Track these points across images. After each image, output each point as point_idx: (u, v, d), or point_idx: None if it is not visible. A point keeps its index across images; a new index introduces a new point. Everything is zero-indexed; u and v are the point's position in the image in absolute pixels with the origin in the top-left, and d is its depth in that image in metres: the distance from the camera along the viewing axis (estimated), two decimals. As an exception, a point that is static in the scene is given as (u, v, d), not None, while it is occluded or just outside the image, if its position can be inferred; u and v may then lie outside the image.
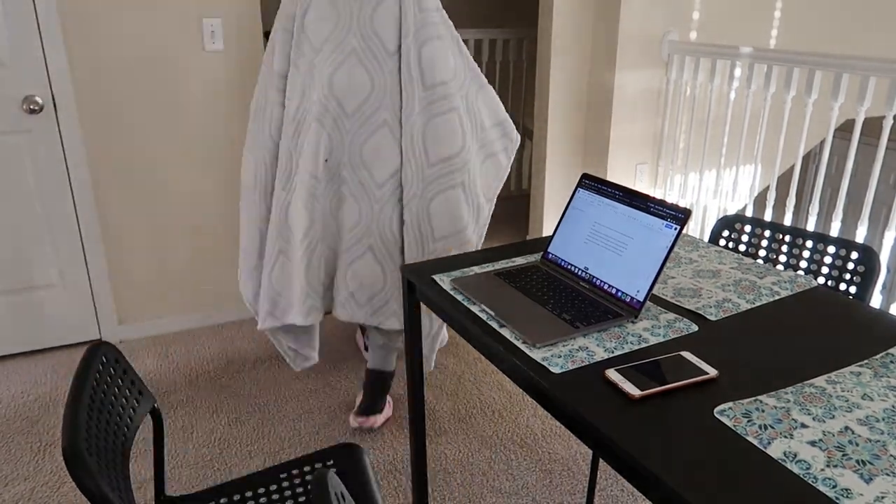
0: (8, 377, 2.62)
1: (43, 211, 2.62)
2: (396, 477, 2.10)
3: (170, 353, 2.82)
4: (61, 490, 2.04)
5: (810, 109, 2.69)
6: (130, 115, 2.66)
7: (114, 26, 2.54)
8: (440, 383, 2.60)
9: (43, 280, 2.71)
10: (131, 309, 2.90)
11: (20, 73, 2.45)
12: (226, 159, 2.86)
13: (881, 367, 1.06)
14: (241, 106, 2.81)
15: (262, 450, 2.23)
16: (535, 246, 1.61)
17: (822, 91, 2.67)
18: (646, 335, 1.18)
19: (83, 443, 0.99)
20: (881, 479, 0.82)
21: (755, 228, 1.67)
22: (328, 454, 1.49)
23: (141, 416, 1.28)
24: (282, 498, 1.38)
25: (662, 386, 1.01)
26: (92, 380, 1.14)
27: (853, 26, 3.70)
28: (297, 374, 2.65)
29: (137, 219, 2.79)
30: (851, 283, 1.48)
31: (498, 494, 2.03)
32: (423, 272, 1.47)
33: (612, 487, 2.06)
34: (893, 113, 2.37)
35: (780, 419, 0.94)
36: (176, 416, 2.40)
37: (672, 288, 1.38)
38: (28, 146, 2.54)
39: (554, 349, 1.14)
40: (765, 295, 1.34)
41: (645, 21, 3.23)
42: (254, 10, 2.74)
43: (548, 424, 2.35)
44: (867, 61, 2.43)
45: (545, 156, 3.68)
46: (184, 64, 2.68)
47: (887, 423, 0.93)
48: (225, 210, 2.91)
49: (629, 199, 1.35)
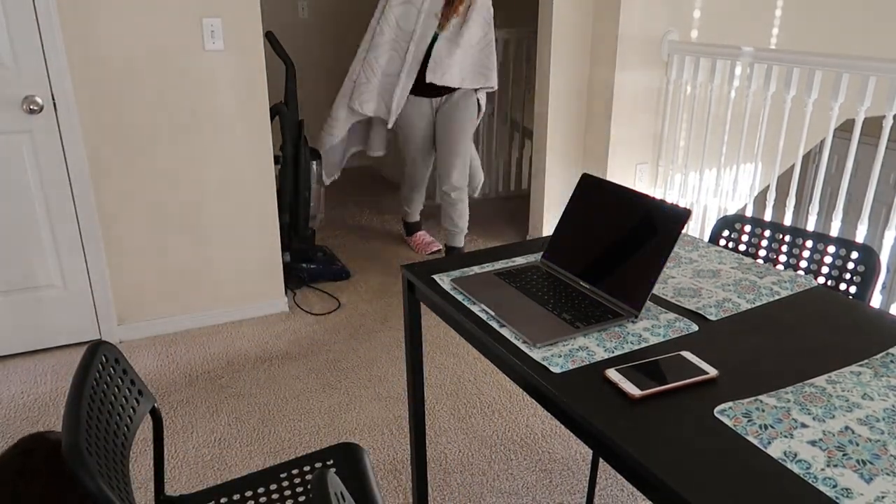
0: (8, 377, 2.62)
1: (43, 211, 2.62)
2: (396, 477, 2.10)
3: (170, 353, 2.82)
4: (61, 490, 2.04)
5: (810, 109, 2.69)
6: (130, 115, 2.66)
7: (114, 26, 2.54)
8: (440, 383, 2.60)
9: (43, 280, 2.71)
10: (131, 309, 2.90)
11: (20, 73, 2.45)
12: (226, 159, 2.86)
13: (881, 367, 1.06)
14: (241, 105, 2.81)
15: (262, 450, 2.23)
16: (535, 246, 1.61)
17: (822, 91, 2.66)
18: (646, 335, 1.18)
19: (83, 442, 0.99)
20: (881, 478, 0.82)
21: (755, 228, 1.67)
22: (328, 454, 1.49)
23: (141, 416, 1.28)
24: (282, 498, 1.38)
25: (662, 386, 1.01)
26: (92, 380, 1.14)
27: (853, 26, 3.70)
28: (297, 373, 2.65)
29: (137, 219, 2.79)
30: (851, 282, 1.48)
31: (498, 494, 2.03)
32: (423, 272, 1.47)
33: (612, 487, 2.06)
34: (893, 113, 2.37)
35: (780, 419, 0.94)
36: (176, 416, 2.40)
37: (672, 288, 1.38)
38: (28, 146, 2.54)
39: (554, 349, 1.14)
40: (765, 295, 1.34)
41: (645, 21, 3.23)
42: (254, 10, 2.74)
43: (548, 424, 2.35)
44: (867, 61, 2.43)
45: (545, 156, 3.68)
46: (184, 64, 2.68)
47: (887, 422, 0.93)
48: (225, 209, 2.91)
49: (629, 199, 1.35)
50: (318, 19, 5.21)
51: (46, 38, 2.45)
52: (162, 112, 2.70)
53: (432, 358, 2.78)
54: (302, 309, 3.19)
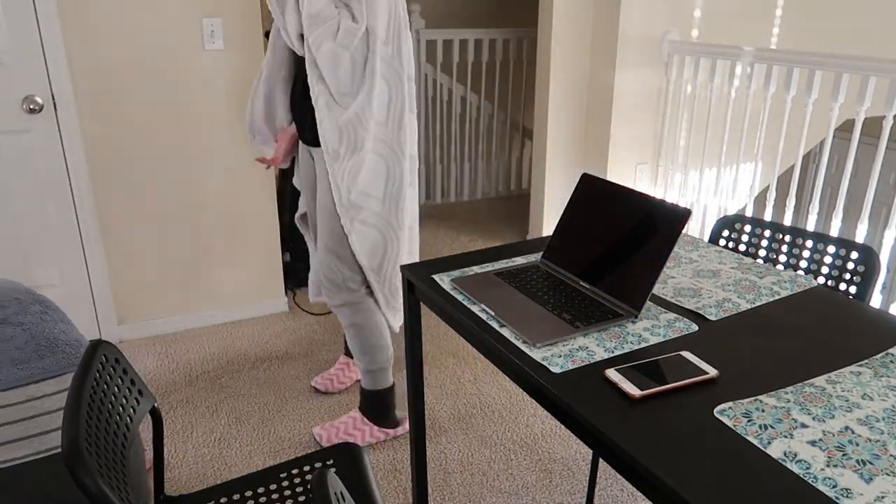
0: (8, 377, 2.62)
1: (43, 211, 2.62)
2: (396, 477, 2.10)
3: (170, 353, 2.82)
4: (61, 490, 2.04)
5: (810, 109, 2.69)
6: (130, 114, 2.66)
7: (114, 26, 2.54)
8: (440, 383, 2.60)
9: (43, 280, 2.70)
10: (131, 308, 2.90)
11: (20, 72, 2.45)
12: (226, 159, 2.86)
13: (881, 367, 1.06)
14: (241, 105, 2.81)
15: (262, 450, 2.23)
16: (535, 246, 1.61)
17: (822, 91, 2.66)
18: (646, 335, 1.18)
19: (83, 442, 0.99)
20: (881, 478, 0.82)
21: (755, 228, 1.67)
22: (328, 454, 1.49)
23: (141, 416, 1.28)
24: (282, 498, 1.38)
25: (662, 386, 1.01)
26: (92, 379, 1.14)
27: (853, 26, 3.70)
28: (297, 374, 2.65)
29: (137, 218, 2.79)
30: (851, 282, 1.48)
31: (498, 494, 2.03)
32: (423, 272, 1.47)
33: (612, 487, 2.06)
34: (893, 113, 2.37)
35: (780, 419, 0.94)
36: (176, 415, 2.40)
37: (672, 288, 1.38)
38: (28, 146, 2.54)
39: (554, 349, 1.14)
40: (765, 295, 1.34)
41: (645, 21, 3.23)
42: (254, 10, 2.74)
43: (548, 424, 2.35)
44: (867, 61, 2.43)
45: (545, 156, 3.68)
46: (184, 63, 2.68)
47: (887, 422, 0.93)
48: (225, 209, 2.91)
49: (629, 199, 1.35)
50: (318, 19, 5.20)
51: (46, 38, 2.45)
52: (162, 112, 2.70)
53: (432, 358, 2.78)
54: (302, 309, 3.19)
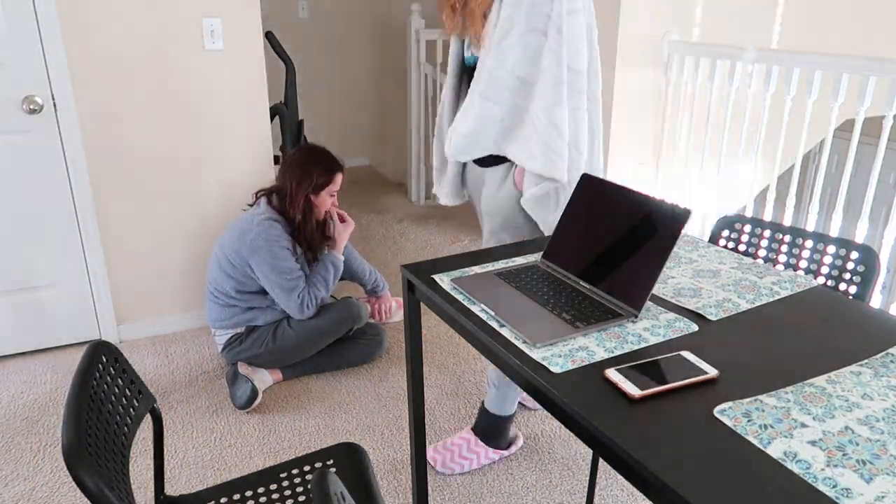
0: (8, 377, 2.62)
1: (43, 211, 2.62)
2: (396, 477, 2.10)
3: (170, 353, 2.82)
4: (61, 490, 2.04)
5: (810, 109, 2.69)
6: (130, 114, 2.66)
7: (113, 26, 2.54)
8: (440, 383, 2.60)
9: (43, 280, 2.71)
10: (131, 309, 2.89)
11: (20, 73, 2.45)
12: (226, 159, 2.86)
13: (881, 367, 1.06)
14: (241, 105, 2.81)
15: (262, 450, 2.23)
16: (535, 246, 1.61)
17: (822, 91, 2.66)
18: (646, 335, 1.18)
19: (83, 442, 0.99)
20: (881, 478, 0.82)
21: (755, 228, 1.67)
22: (328, 454, 1.49)
23: (141, 416, 1.28)
24: (282, 498, 1.38)
25: (662, 386, 1.01)
26: (92, 379, 1.14)
27: (853, 26, 3.70)
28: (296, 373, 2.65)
29: (137, 218, 2.79)
30: (851, 282, 1.48)
31: (498, 494, 2.03)
32: (423, 272, 1.46)
33: (612, 487, 2.06)
34: (893, 113, 2.37)
35: (780, 419, 0.94)
36: (176, 416, 2.40)
37: (672, 288, 1.38)
38: (28, 146, 2.53)
39: (554, 349, 1.14)
40: (765, 295, 1.34)
41: (645, 21, 3.23)
42: (254, 10, 2.74)
43: (548, 424, 2.35)
44: (867, 61, 2.43)
45: (545, 156, 3.67)
46: (184, 63, 2.68)
47: (887, 422, 0.93)
48: (225, 209, 2.91)
49: (629, 199, 1.35)
50: (318, 19, 5.21)
51: (46, 38, 2.45)
52: (162, 112, 2.70)
53: (432, 358, 2.78)
54: (302, 309, 3.19)
